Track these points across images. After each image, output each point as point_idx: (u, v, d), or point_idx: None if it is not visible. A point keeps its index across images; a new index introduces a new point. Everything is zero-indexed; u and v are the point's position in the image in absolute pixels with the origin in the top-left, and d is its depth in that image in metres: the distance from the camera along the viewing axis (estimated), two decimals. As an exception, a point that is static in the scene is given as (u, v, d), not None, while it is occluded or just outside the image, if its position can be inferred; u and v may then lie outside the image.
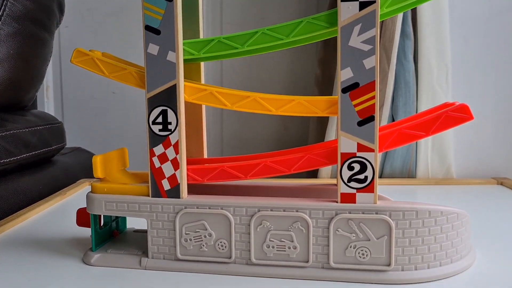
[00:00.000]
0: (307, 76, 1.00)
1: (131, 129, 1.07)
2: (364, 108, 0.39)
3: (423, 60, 0.73)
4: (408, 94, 0.73)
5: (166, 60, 0.42)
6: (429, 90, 0.73)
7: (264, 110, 0.42)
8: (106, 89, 1.06)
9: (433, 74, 0.74)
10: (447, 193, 0.72)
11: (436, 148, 0.75)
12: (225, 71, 1.04)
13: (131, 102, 1.06)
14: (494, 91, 0.80)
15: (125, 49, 1.04)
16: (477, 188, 0.74)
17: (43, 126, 0.73)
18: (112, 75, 0.44)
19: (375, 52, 0.39)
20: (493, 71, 0.80)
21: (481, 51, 0.79)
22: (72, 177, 0.79)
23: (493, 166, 0.80)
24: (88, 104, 1.06)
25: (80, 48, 0.45)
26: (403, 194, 0.71)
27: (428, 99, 0.74)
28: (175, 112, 0.42)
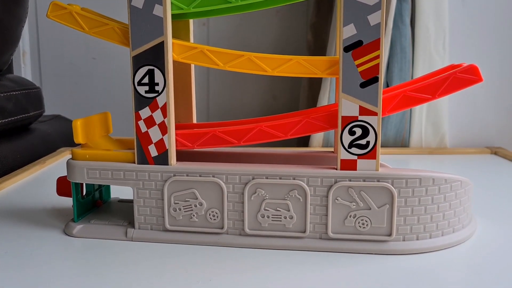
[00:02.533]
0: (298, 42, 0.97)
1: (113, 96, 1.02)
2: (368, 68, 0.37)
3: (421, 24, 0.70)
4: (404, 60, 0.70)
5: (152, 14, 0.38)
6: (425, 56, 0.71)
7: (259, 70, 0.39)
8: (86, 55, 1.01)
9: (430, 39, 0.71)
10: (441, 163, 0.70)
11: (430, 118, 0.73)
12: (211, 35, 0.99)
13: (112, 68, 1.01)
14: (490, 59, 0.78)
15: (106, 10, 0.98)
16: (471, 157, 0.73)
17: (19, 91, 0.69)
18: (92, 30, 0.41)
19: (381, 6, 0.36)
20: (490, 37, 0.78)
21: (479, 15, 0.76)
22: (52, 146, 0.75)
23: (487, 135, 0.78)
24: (67, 70, 1.02)
25: (57, 1, 0.41)
26: (396, 163, 0.69)
27: (425, 65, 0.71)
28: (163, 72, 0.39)
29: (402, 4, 0.70)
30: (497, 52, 0.78)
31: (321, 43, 0.80)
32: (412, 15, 0.72)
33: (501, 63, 0.78)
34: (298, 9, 0.96)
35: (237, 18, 0.98)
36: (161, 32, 0.38)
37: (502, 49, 0.78)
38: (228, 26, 0.98)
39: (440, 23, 0.71)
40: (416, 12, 0.71)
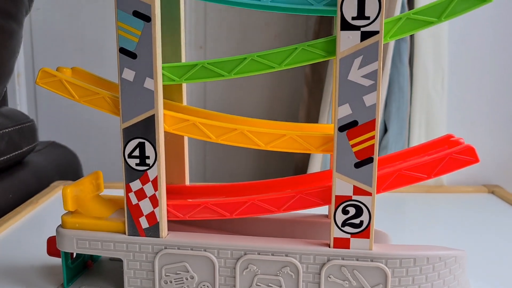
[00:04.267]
0: (296, 74, 0.96)
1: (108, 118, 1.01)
2: (363, 149, 0.36)
3: (419, 63, 0.69)
4: (402, 99, 0.70)
5: (143, 87, 0.37)
6: (423, 95, 0.70)
7: (252, 145, 0.38)
8: (82, 77, 1.00)
9: (428, 78, 0.70)
10: (437, 203, 0.70)
11: (427, 156, 0.73)
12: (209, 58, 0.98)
13: (109, 91, 1.00)
14: (488, 97, 0.77)
15: (101, 34, 0.98)
16: (467, 197, 0.72)
17: (12, 127, 0.68)
18: (83, 99, 0.40)
19: (377, 87, 0.35)
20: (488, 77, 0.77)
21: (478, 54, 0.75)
22: (45, 180, 0.74)
23: (485, 172, 0.78)
24: (63, 92, 1.00)
25: (46, 68, 0.40)
26: (392, 203, 0.69)
27: (423, 104, 0.71)
28: (154, 145, 0.38)
29: (400, 43, 0.69)
30: (496, 90, 0.77)
31: (318, 77, 0.79)
32: (411, 55, 0.71)
33: (500, 100, 0.78)
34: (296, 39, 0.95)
35: (234, 41, 0.97)
36: (152, 105, 0.37)
37: (500, 88, 0.77)
38: (225, 50, 0.97)
39: (439, 63, 0.70)
40: (415, 51, 0.70)
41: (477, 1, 0.34)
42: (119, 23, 0.37)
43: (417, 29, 0.35)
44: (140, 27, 0.36)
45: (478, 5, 0.34)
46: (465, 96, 0.75)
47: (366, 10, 0.34)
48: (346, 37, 0.35)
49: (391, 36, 0.36)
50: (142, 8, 0.36)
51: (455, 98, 0.74)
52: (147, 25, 0.36)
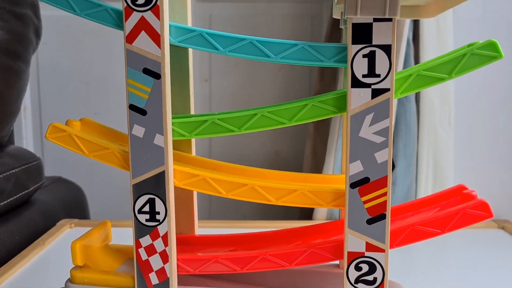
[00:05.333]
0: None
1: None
2: (375, 205, 0.35)
3: (426, 100, 0.69)
4: (409, 136, 0.69)
5: (153, 143, 0.37)
6: (431, 132, 0.70)
7: (262, 200, 0.38)
8: (87, 110, 1.01)
9: (435, 115, 0.70)
10: (446, 239, 0.69)
11: (436, 190, 0.72)
12: (213, 91, 0.99)
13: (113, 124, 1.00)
14: (496, 130, 0.77)
15: (107, 67, 0.98)
16: (477, 233, 0.71)
17: (19, 168, 0.68)
18: (92, 154, 0.40)
19: (389, 144, 0.35)
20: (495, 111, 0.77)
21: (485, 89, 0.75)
22: (52, 218, 0.74)
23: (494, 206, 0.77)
24: (69, 125, 1.01)
25: (56, 123, 0.40)
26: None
27: (430, 141, 0.70)
28: (164, 201, 0.38)
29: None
30: (503, 124, 0.77)
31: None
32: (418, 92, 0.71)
33: (508, 133, 0.77)
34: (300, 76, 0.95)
35: (239, 75, 0.97)
36: (162, 162, 0.37)
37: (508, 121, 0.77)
38: (230, 83, 0.98)
39: (446, 98, 0.70)
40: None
41: (488, 57, 0.34)
42: (129, 81, 0.37)
43: (428, 85, 0.35)
44: (150, 84, 0.37)
45: (489, 62, 0.34)
46: (472, 131, 0.75)
47: (376, 68, 0.34)
48: (357, 94, 0.34)
49: (401, 92, 0.35)
50: (152, 65, 0.36)
51: (463, 133, 0.74)
52: (157, 82, 0.36)
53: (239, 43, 0.36)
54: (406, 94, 0.36)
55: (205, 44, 0.37)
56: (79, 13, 0.38)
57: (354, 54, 0.34)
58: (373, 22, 0.34)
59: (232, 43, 0.36)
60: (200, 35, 0.37)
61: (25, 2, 0.74)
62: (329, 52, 0.35)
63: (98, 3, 0.37)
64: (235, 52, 0.37)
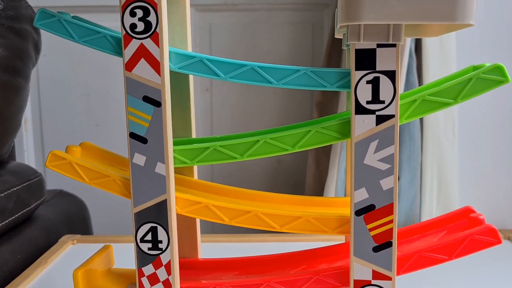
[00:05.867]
0: (303, 119, 0.95)
1: (117, 162, 1.01)
2: (381, 232, 0.35)
3: (429, 111, 0.68)
4: (413, 147, 0.69)
5: (154, 172, 0.37)
6: (435, 143, 0.69)
7: (266, 227, 0.37)
8: (89, 122, 1.00)
9: (439, 125, 0.69)
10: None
11: (441, 202, 0.72)
12: (214, 101, 0.98)
13: (115, 135, 1.00)
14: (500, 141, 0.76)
15: (107, 79, 0.98)
16: (483, 243, 0.71)
17: (20, 185, 0.68)
18: (93, 181, 0.39)
19: (394, 171, 0.34)
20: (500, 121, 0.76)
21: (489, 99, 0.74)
22: (54, 234, 0.73)
23: (499, 217, 0.76)
24: (70, 137, 1.00)
25: (56, 151, 0.39)
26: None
27: (434, 152, 0.70)
28: (166, 229, 0.37)
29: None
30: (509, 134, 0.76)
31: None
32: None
33: (512, 142, 0.77)
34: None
35: (240, 86, 0.96)
36: (163, 190, 0.37)
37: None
38: (231, 93, 0.97)
39: (449, 109, 0.69)
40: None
41: (494, 82, 0.34)
42: (129, 109, 0.36)
43: (433, 110, 0.35)
44: (150, 112, 0.36)
45: (496, 86, 0.34)
46: (477, 141, 0.74)
47: (381, 94, 0.33)
48: (361, 121, 0.34)
49: (406, 118, 0.35)
50: (152, 93, 0.36)
51: (467, 144, 0.73)
52: (157, 110, 0.36)
53: (240, 69, 0.36)
54: (411, 119, 0.35)
55: (205, 71, 0.36)
56: (77, 40, 0.37)
57: (357, 81, 0.33)
58: (377, 48, 0.33)
59: (233, 69, 0.36)
60: (200, 61, 0.36)
61: (24, 17, 0.73)
62: (332, 77, 0.35)
63: (97, 30, 0.37)
64: (236, 79, 0.36)
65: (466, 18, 0.29)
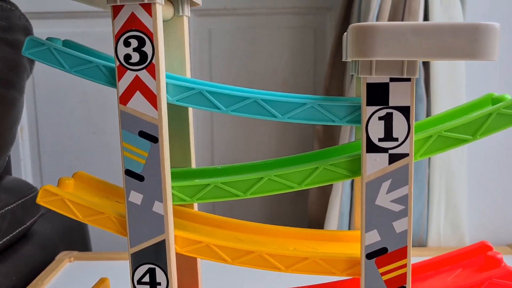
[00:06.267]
0: (306, 129, 0.93)
1: (115, 171, 0.99)
2: (394, 277, 0.33)
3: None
4: (419, 162, 0.66)
5: (152, 211, 0.34)
6: (443, 155, 0.67)
7: (271, 268, 0.35)
8: (85, 129, 0.98)
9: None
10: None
11: (448, 217, 0.69)
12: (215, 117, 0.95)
13: (113, 143, 0.98)
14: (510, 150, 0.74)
15: (106, 86, 0.95)
16: (492, 259, 0.69)
17: (15, 203, 0.65)
18: (87, 219, 0.37)
19: (408, 213, 0.32)
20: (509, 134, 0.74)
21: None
22: (51, 250, 0.71)
23: (509, 230, 0.74)
24: (67, 145, 0.98)
25: (48, 186, 0.37)
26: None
27: (442, 164, 0.67)
28: (165, 271, 0.35)
29: (416, 104, 0.66)
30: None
31: (330, 133, 0.76)
32: (428, 114, 0.68)
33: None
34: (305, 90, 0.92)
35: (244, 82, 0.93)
36: (162, 230, 0.35)
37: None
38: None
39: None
40: (432, 110, 0.67)
41: (516, 118, 0.31)
42: (125, 144, 0.34)
43: (450, 147, 0.32)
44: (147, 148, 0.34)
45: (517, 122, 0.31)
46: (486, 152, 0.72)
47: (394, 131, 0.31)
48: (373, 159, 0.32)
49: (421, 155, 0.33)
50: (149, 128, 0.33)
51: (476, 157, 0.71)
52: (154, 146, 0.33)
53: (242, 102, 0.33)
54: (425, 157, 0.33)
55: (205, 103, 0.34)
56: (68, 70, 0.35)
57: (369, 117, 0.31)
58: (390, 82, 0.31)
59: (235, 102, 0.33)
60: (199, 94, 0.34)
61: (18, 27, 0.71)
62: (341, 112, 0.33)
63: (89, 60, 0.34)
64: (238, 112, 0.34)
65: (488, 55, 0.27)
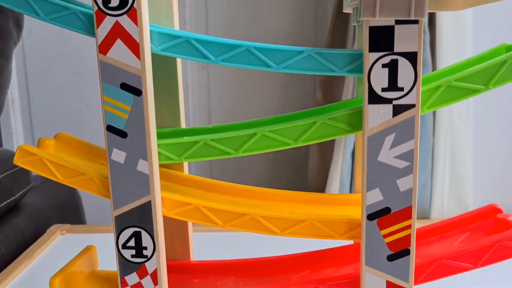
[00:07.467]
0: (306, 100, 0.90)
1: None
2: (397, 239, 0.30)
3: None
4: (424, 130, 0.64)
5: (136, 170, 0.32)
6: (448, 124, 0.64)
7: (265, 231, 0.33)
8: (79, 102, 0.95)
9: (453, 106, 0.64)
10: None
11: (453, 189, 0.67)
12: (212, 79, 0.93)
13: (108, 116, 0.95)
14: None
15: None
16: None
17: (3, 173, 0.63)
18: (68, 180, 0.35)
19: (414, 170, 0.29)
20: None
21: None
22: (42, 223, 0.69)
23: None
24: (60, 118, 0.95)
25: (25, 145, 0.34)
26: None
27: (447, 135, 0.65)
28: (151, 235, 0.33)
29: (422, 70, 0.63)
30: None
31: (331, 100, 0.73)
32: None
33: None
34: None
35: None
36: (147, 191, 0.32)
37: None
38: (230, 70, 0.92)
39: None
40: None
41: (533, 64, 0.28)
42: (105, 98, 0.31)
43: (460, 98, 0.30)
44: (130, 101, 0.31)
45: (534, 69, 0.29)
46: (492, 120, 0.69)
47: (399, 80, 0.28)
48: (376, 111, 0.29)
49: (428, 107, 0.30)
50: (131, 80, 0.31)
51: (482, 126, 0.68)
52: (138, 99, 0.31)
53: (233, 51, 0.31)
54: (433, 109, 0.30)
55: (193, 53, 0.31)
56: (43, 18, 0.32)
57: (371, 64, 0.28)
58: (395, 25, 0.28)
59: (226, 50, 0.31)
60: (187, 42, 0.31)
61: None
62: (341, 60, 0.30)
63: (65, 6, 0.31)
64: (229, 62, 0.31)
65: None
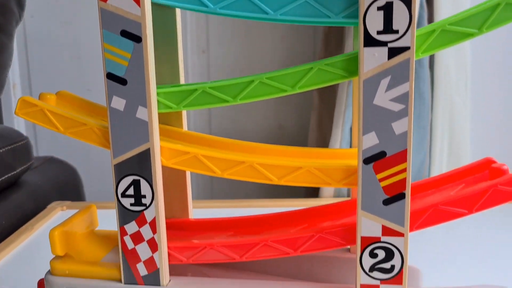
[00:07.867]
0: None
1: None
2: (393, 183, 0.31)
3: (441, 65, 0.64)
4: (423, 106, 0.64)
5: (135, 117, 0.32)
6: (446, 101, 0.64)
7: (263, 179, 0.33)
8: (80, 86, 0.96)
9: (451, 82, 0.64)
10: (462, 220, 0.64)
11: (452, 166, 0.67)
12: (212, 62, 0.93)
13: (109, 100, 0.95)
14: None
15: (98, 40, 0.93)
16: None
17: (4, 148, 0.64)
18: (68, 131, 0.35)
19: (409, 112, 0.30)
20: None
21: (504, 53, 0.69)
22: (43, 200, 0.70)
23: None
24: (61, 103, 0.96)
25: (26, 97, 0.35)
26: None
27: (445, 110, 0.65)
28: (150, 183, 0.33)
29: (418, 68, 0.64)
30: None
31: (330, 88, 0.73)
32: (431, 56, 0.65)
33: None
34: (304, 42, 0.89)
35: (239, 45, 0.91)
36: (146, 138, 0.32)
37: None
38: (229, 54, 0.92)
39: (462, 64, 0.64)
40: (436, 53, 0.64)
41: (527, 7, 0.29)
42: (106, 45, 0.32)
43: (454, 42, 0.30)
44: (130, 48, 0.31)
45: (528, 12, 0.29)
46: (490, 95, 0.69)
47: (394, 22, 0.29)
48: (371, 54, 0.29)
49: (423, 52, 0.30)
50: (131, 27, 0.31)
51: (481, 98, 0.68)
52: (138, 46, 0.31)
53: (231, -3, 0.31)
54: (428, 53, 0.30)
55: (191, 1, 0.31)
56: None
57: (367, 7, 0.29)
58: (390, -33, 0.28)
59: (223, -2, 0.31)
60: (186, -11, 0.31)
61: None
62: (337, 5, 0.30)
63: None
64: (227, 9, 0.31)
65: None
